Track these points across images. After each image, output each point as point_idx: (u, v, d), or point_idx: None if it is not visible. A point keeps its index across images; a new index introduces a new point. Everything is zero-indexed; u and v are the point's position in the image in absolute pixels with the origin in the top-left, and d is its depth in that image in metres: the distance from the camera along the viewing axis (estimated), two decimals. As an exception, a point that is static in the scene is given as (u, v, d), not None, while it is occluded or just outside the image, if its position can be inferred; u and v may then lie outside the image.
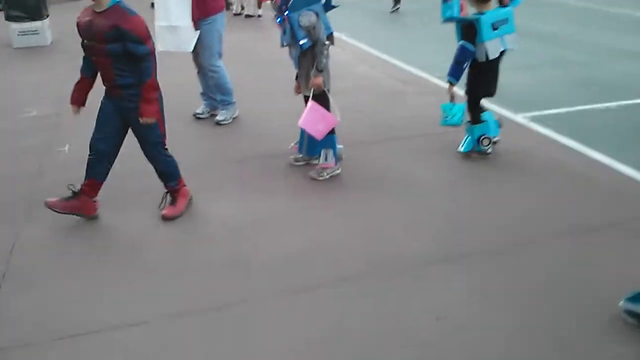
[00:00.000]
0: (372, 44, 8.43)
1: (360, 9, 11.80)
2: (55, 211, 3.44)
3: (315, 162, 4.12)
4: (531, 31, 9.34)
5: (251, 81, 6.42)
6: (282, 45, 3.95)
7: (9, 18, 8.73)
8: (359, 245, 3.23)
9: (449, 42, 4.48)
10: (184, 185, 3.68)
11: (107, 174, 3.52)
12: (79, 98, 3.49)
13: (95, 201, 3.56)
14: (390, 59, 7.58)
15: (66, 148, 4.72)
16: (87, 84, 3.47)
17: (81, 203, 3.49)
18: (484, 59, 4.03)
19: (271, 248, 3.21)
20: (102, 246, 3.33)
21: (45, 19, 8.90)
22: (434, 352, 2.42)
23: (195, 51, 4.92)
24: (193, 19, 4.68)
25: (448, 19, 4.02)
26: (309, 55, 3.82)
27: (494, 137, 4.31)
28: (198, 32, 4.77)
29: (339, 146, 4.06)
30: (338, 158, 4.07)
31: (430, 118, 4.84)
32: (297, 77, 4.08)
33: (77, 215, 3.50)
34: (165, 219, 3.53)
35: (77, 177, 3.58)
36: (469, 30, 3.98)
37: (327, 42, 3.82)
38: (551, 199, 3.71)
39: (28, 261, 3.16)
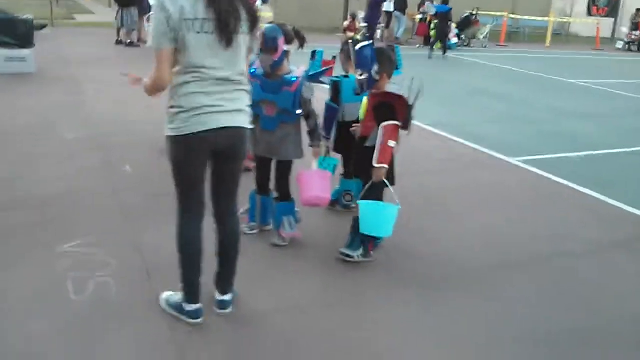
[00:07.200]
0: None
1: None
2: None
3: (269, 228, 3.96)
4: (490, 91, 10.67)
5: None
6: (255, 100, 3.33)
7: (-3, 44, 8.75)
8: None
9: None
10: None
11: None
12: None
13: None
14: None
15: (128, 167, 5.03)
16: None
17: None
18: (340, 119, 4.14)
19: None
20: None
21: (33, 47, 8.98)
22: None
23: None
24: None
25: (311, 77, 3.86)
26: (293, 123, 3.69)
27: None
28: None
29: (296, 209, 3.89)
30: (297, 221, 3.90)
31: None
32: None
33: None
34: None
35: (151, 191, 4.31)
36: (334, 90, 4.11)
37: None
38: (559, 219, 4.66)
39: (162, 260, 3.46)
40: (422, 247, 3.97)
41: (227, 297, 3.00)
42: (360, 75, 3.47)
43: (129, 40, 13.16)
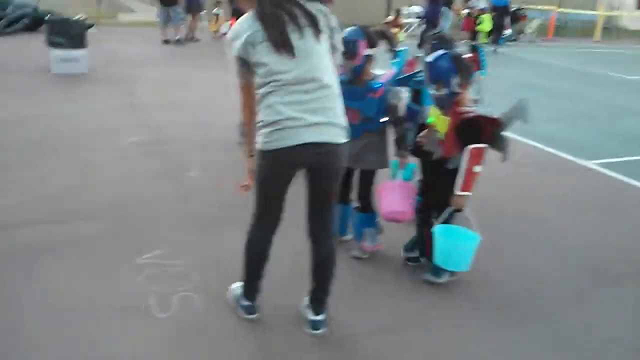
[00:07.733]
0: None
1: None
2: None
3: (347, 238, 3.82)
4: (543, 87, 10.29)
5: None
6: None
7: (51, 44, 8.76)
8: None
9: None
10: None
11: None
12: None
13: None
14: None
15: (194, 173, 4.91)
16: None
17: None
18: (422, 121, 3.72)
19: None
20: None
21: (86, 48, 8.99)
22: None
23: None
24: None
25: (398, 81, 3.68)
26: (378, 131, 3.48)
27: None
28: None
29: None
30: (379, 232, 3.72)
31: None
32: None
33: None
34: None
35: (223, 198, 4.17)
36: (416, 91, 3.83)
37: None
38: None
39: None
40: (506, 263, 3.73)
41: (320, 317, 2.83)
42: (437, 89, 3.15)
43: (177, 37, 13.14)
